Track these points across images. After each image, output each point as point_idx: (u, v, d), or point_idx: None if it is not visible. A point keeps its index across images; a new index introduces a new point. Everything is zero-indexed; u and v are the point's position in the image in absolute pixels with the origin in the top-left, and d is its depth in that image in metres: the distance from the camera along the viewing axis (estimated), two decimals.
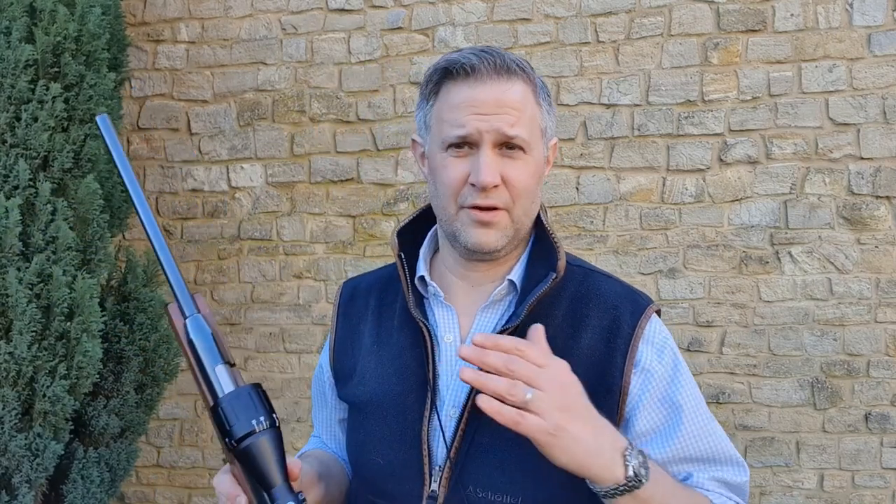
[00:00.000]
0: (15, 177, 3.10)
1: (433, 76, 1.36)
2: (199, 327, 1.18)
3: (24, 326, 3.01)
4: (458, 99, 1.32)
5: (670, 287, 3.84)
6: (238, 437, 1.06)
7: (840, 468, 3.74)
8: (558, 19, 3.94)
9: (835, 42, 3.71)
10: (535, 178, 1.35)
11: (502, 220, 1.32)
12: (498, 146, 1.31)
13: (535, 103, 1.35)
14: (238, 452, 1.07)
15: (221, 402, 1.09)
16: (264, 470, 1.07)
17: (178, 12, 4.31)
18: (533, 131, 1.34)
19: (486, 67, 1.30)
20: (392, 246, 1.43)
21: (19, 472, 3.10)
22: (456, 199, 1.33)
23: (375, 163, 4.10)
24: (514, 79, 1.32)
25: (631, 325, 1.36)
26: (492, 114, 1.29)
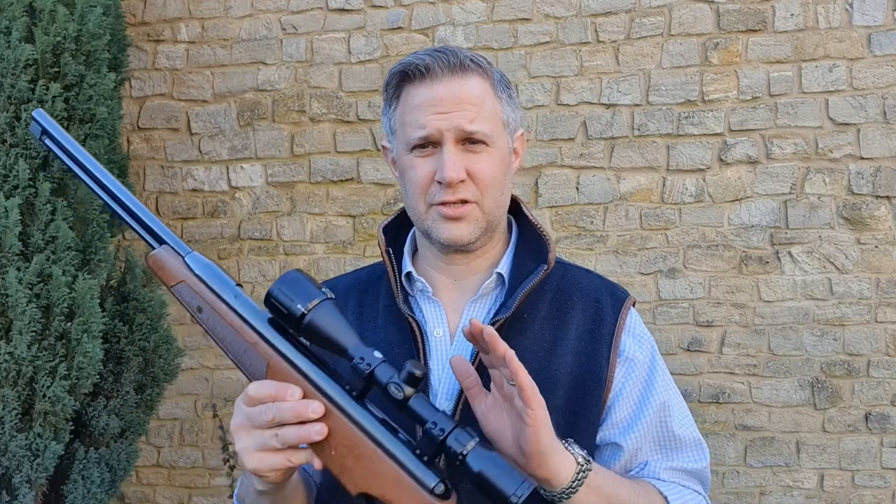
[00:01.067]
0: (15, 176, 3.09)
1: (392, 80, 1.39)
2: (201, 261, 1.20)
3: (24, 326, 3.01)
4: (417, 100, 1.34)
5: (670, 287, 3.84)
6: (299, 314, 1.09)
7: (840, 468, 3.74)
8: (558, 19, 3.94)
9: (835, 42, 3.71)
10: (502, 169, 1.37)
11: (472, 213, 1.35)
12: (460, 142, 1.33)
13: (495, 96, 1.37)
14: (304, 329, 1.10)
15: (272, 292, 1.11)
16: (335, 335, 1.10)
17: (178, 12, 4.31)
18: (494, 124, 1.36)
19: (441, 66, 1.33)
20: (379, 242, 1.45)
21: (20, 473, 3.10)
22: (425, 197, 1.36)
23: (375, 163, 4.10)
24: (469, 74, 1.34)
25: (613, 317, 1.41)
26: (450, 111, 1.32)
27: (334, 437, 1.08)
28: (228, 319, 1.16)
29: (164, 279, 1.21)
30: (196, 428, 4.32)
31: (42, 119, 1.28)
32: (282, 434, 1.06)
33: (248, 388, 1.10)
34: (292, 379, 1.11)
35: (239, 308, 1.16)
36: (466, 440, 1.06)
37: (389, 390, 1.07)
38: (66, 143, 1.27)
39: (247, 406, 1.10)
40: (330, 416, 1.09)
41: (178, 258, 1.20)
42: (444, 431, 1.07)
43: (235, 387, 4.24)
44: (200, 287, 1.18)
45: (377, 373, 1.08)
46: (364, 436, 1.09)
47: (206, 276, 1.19)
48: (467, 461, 1.06)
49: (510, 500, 1.04)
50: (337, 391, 1.10)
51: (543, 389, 1.29)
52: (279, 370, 1.12)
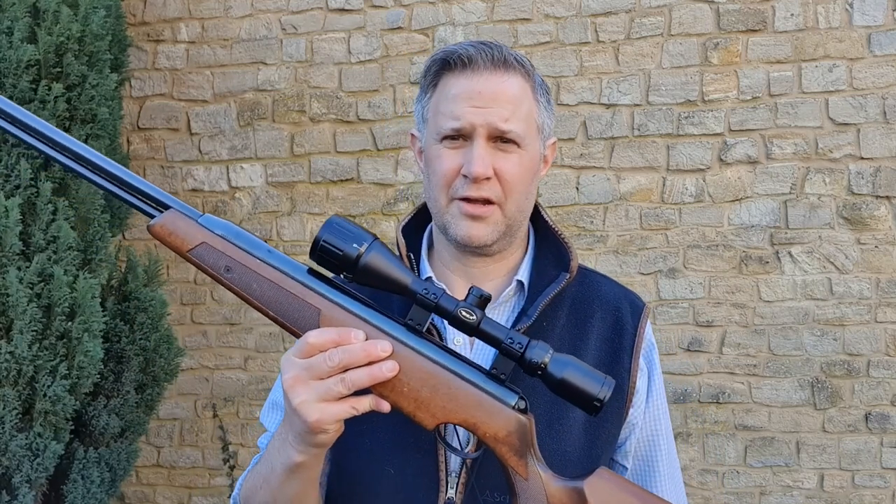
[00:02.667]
0: (16, 176, 3.10)
1: (431, 67, 1.36)
2: (217, 222, 1.14)
3: (24, 326, 3.01)
4: (454, 90, 1.31)
5: (670, 287, 3.84)
6: (355, 256, 1.08)
7: (840, 468, 3.74)
8: (558, 19, 3.94)
9: (835, 42, 3.71)
10: (530, 173, 1.34)
11: (494, 215, 1.32)
12: (492, 139, 1.30)
13: (533, 99, 1.35)
14: (361, 270, 1.08)
15: (322, 238, 1.08)
16: (393, 273, 1.10)
17: (178, 12, 4.31)
18: (529, 127, 1.33)
19: (484, 59, 1.30)
20: (399, 245, 1.41)
21: (20, 472, 3.09)
22: (448, 190, 1.32)
23: (375, 163, 4.10)
24: (511, 73, 1.32)
25: (633, 326, 1.39)
26: (487, 106, 1.29)
27: (405, 372, 1.07)
28: (267, 274, 1.11)
29: (178, 245, 1.13)
30: (196, 428, 4.32)
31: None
32: (349, 377, 1.03)
33: (308, 337, 1.05)
34: (351, 324, 1.09)
35: (276, 262, 1.12)
36: (545, 350, 1.09)
37: (460, 315, 1.08)
38: (8, 107, 1.14)
39: (303, 357, 1.05)
40: (398, 353, 1.07)
41: (190, 220, 1.13)
42: (523, 346, 1.09)
43: (235, 386, 4.24)
44: (226, 245, 1.12)
45: (443, 302, 1.09)
46: (436, 366, 1.09)
47: (229, 234, 1.13)
48: (549, 370, 1.09)
49: (597, 398, 1.08)
50: (398, 329, 1.10)
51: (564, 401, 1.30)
52: (334, 316, 1.09)
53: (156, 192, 1.14)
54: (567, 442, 1.30)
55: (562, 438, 1.29)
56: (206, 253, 1.12)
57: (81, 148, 1.13)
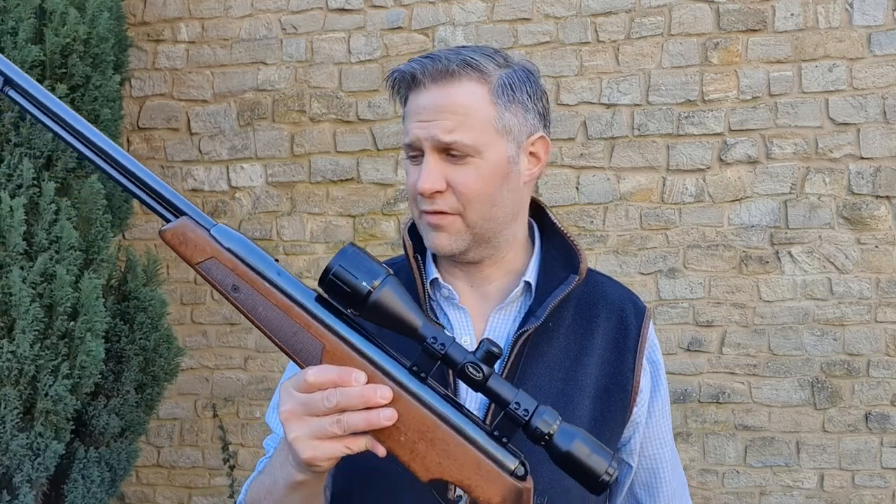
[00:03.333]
0: (19, 176, 3.10)
1: (393, 88, 1.36)
2: (230, 234, 1.09)
3: (26, 325, 3.01)
4: (409, 107, 1.32)
5: (670, 287, 3.85)
6: (365, 292, 1.03)
7: (840, 468, 3.74)
8: (558, 19, 3.94)
9: (835, 42, 3.72)
10: (493, 180, 1.30)
11: (454, 225, 1.30)
12: (440, 152, 1.28)
13: (490, 103, 1.29)
14: (370, 307, 1.04)
15: (334, 269, 1.04)
16: (403, 314, 1.05)
17: (178, 12, 4.31)
18: (484, 133, 1.28)
19: (426, 74, 1.28)
20: (405, 246, 1.40)
21: (20, 472, 3.09)
22: (416, 204, 1.33)
23: (375, 163, 4.10)
24: (456, 82, 1.28)
25: (637, 326, 1.39)
26: (430, 120, 1.27)
27: (404, 421, 1.03)
28: (273, 299, 1.07)
29: (188, 255, 1.09)
30: (196, 428, 4.32)
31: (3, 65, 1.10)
32: (345, 420, 1.00)
33: (307, 374, 1.02)
34: (354, 362, 1.04)
35: (285, 286, 1.08)
36: (553, 419, 1.03)
37: (467, 371, 1.03)
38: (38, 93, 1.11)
39: (302, 392, 1.03)
40: (399, 399, 1.03)
41: (203, 231, 1.08)
42: (529, 412, 1.03)
43: (235, 386, 4.24)
44: (235, 263, 1.08)
45: (451, 353, 1.04)
46: (437, 418, 1.04)
47: (241, 250, 1.08)
48: (554, 441, 1.03)
49: (601, 479, 1.03)
50: (403, 373, 1.05)
51: (570, 399, 1.31)
52: (338, 353, 1.05)
53: (172, 195, 1.10)
54: (576, 416, 1.31)
55: (571, 412, 1.30)
56: (215, 268, 1.08)
57: (104, 141, 1.11)
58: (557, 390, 1.32)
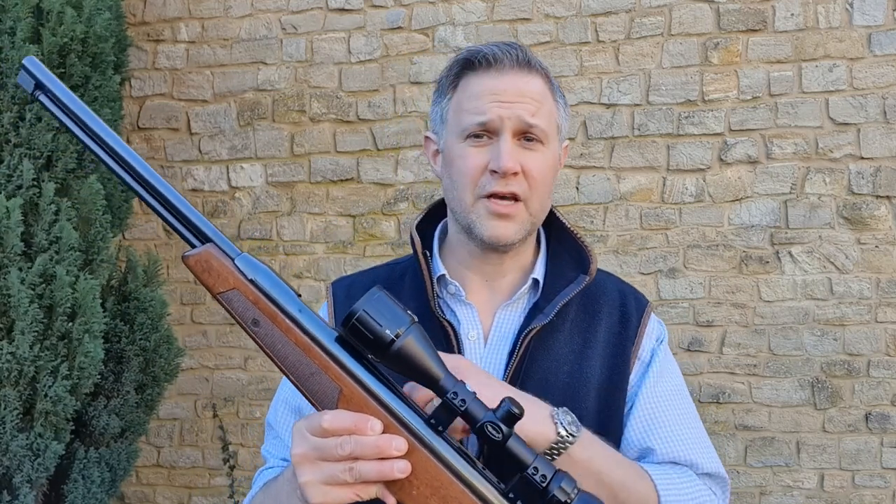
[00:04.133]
0: (19, 176, 3.10)
1: (453, 68, 1.38)
2: (255, 265, 1.07)
3: (26, 326, 3.01)
4: (479, 88, 1.33)
5: (670, 287, 3.85)
6: (388, 340, 1.00)
7: (840, 468, 3.74)
8: (558, 19, 3.94)
9: (835, 42, 3.71)
10: (552, 171, 1.37)
11: (520, 214, 1.33)
12: (517, 136, 1.32)
13: (553, 100, 1.38)
14: (392, 356, 1.01)
15: (358, 315, 1.00)
16: (426, 365, 1.01)
17: (178, 12, 4.31)
18: (550, 125, 1.36)
19: (509, 59, 1.33)
20: (414, 243, 1.41)
21: (20, 472, 3.10)
22: (474, 188, 1.33)
23: (375, 163, 4.10)
24: (533, 73, 1.35)
25: (637, 320, 1.42)
26: (514, 101, 1.31)
27: (417, 475, 1.00)
28: (293, 337, 1.05)
29: (210, 284, 1.07)
30: (196, 428, 4.32)
31: (35, 69, 1.08)
32: (357, 468, 0.99)
33: (323, 419, 1.01)
34: (370, 409, 1.02)
35: (307, 324, 1.05)
36: (571, 487, 1.00)
37: (486, 430, 1.00)
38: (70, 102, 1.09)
39: (316, 436, 1.01)
40: (413, 452, 1.01)
41: (228, 260, 1.07)
42: (547, 478, 1.00)
43: (235, 386, 4.24)
44: (257, 296, 1.05)
45: (471, 409, 1.01)
46: (452, 475, 1.02)
47: (265, 283, 1.06)
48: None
49: None
50: (420, 424, 1.03)
51: (576, 392, 1.33)
52: (355, 399, 1.02)
53: (200, 221, 1.09)
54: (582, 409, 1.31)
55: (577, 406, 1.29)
56: (237, 300, 1.06)
57: (137, 161, 1.09)
58: (564, 384, 1.34)
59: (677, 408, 1.40)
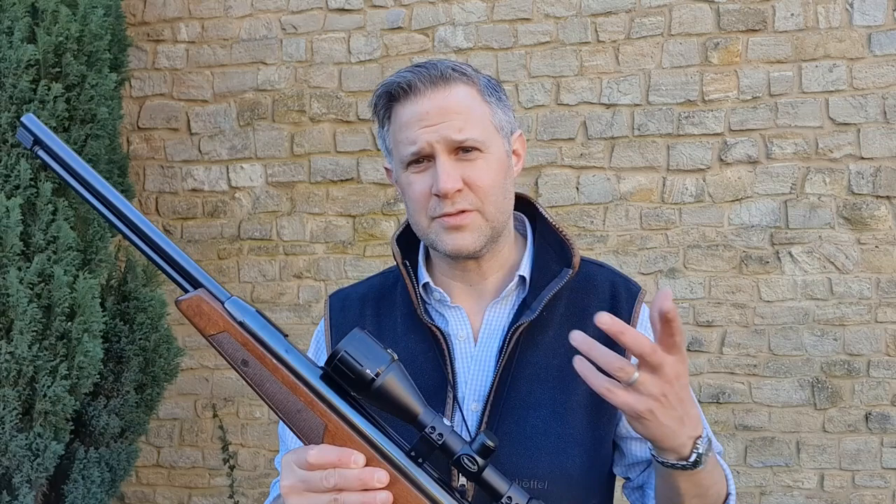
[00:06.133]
0: (16, 176, 3.09)
1: (379, 102, 1.38)
2: (243, 308, 1.13)
3: (24, 326, 3.01)
4: (404, 118, 1.33)
5: (670, 287, 3.84)
6: (369, 379, 1.06)
7: (840, 468, 3.74)
8: (558, 19, 3.94)
9: (835, 42, 3.71)
10: (500, 174, 1.36)
11: (475, 221, 1.34)
12: (453, 152, 1.32)
13: (482, 102, 1.36)
14: (373, 393, 1.07)
15: (341, 354, 1.07)
16: (405, 401, 1.08)
17: (178, 12, 4.31)
18: (485, 130, 1.34)
19: (422, 80, 1.32)
20: (394, 254, 1.44)
21: (20, 472, 3.10)
22: (426, 212, 1.35)
23: (375, 163, 4.10)
24: (452, 84, 1.33)
25: (628, 309, 1.41)
26: (438, 122, 1.31)
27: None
28: (280, 376, 1.11)
29: (202, 327, 1.13)
30: (196, 428, 4.32)
31: (33, 126, 1.19)
32: (342, 499, 1.04)
33: (308, 454, 1.06)
34: (354, 443, 1.08)
35: (293, 364, 1.11)
36: None
37: (462, 462, 1.07)
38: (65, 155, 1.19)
39: (302, 469, 1.07)
40: (395, 483, 1.07)
41: (218, 304, 1.13)
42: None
43: (235, 386, 4.24)
44: (246, 338, 1.12)
45: (448, 443, 1.08)
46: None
47: (253, 325, 1.12)
48: None
49: None
50: (401, 457, 1.09)
51: (566, 386, 1.34)
52: (339, 433, 1.09)
53: (191, 266, 1.16)
54: (571, 425, 1.33)
55: (567, 422, 1.33)
56: (227, 342, 1.12)
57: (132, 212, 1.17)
58: (554, 377, 1.35)
59: None
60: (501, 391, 1.33)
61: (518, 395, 1.33)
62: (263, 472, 4.23)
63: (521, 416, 1.31)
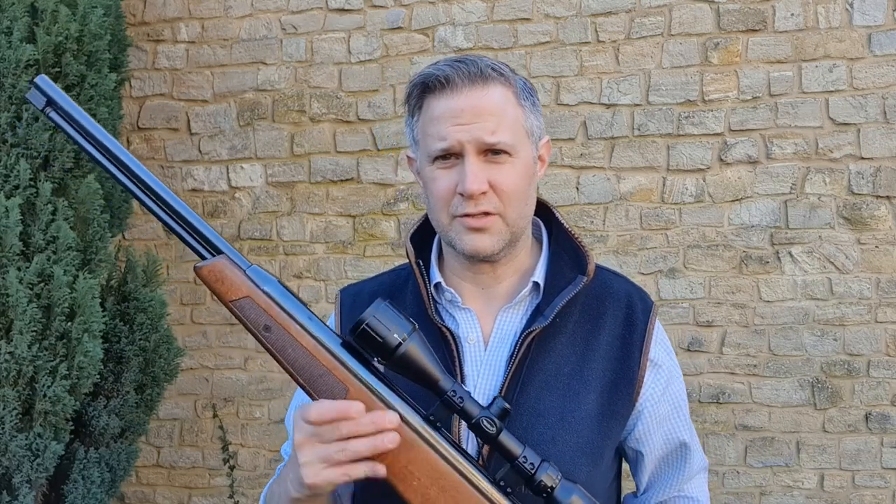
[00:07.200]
0: (16, 176, 3.09)
1: (413, 92, 1.37)
2: (265, 276, 1.16)
3: (24, 326, 3.01)
4: (437, 112, 1.32)
5: (670, 287, 3.84)
6: (395, 344, 1.11)
7: (840, 468, 3.74)
8: (558, 19, 3.94)
9: (835, 42, 3.71)
10: (526, 179, 1.36)
11: (496, 225, 1.33)
12: (482, 153, 1.31)
13: (517, 105, 1.35)
14: (397, 359, 1.11)
15: (367, 321, 1.10)
16: (427, 367, 1.12)
17: (178, 12, 4.31)
18: (517, 134, 1.34)
19: (461, 76, 1.31)
20: (408, 253, 1.44)
21: (20, 473, 3.09)
22: (448, 209, 1.34)
23: (375, 163, 4.10)
24: (490, 84, 1.32)
25: (644, 322, 1.42)
26: (471, 122, 1.30)
27: (418, 466, 1.11)
28: (303, 342, 1.14)
29: (223, 292, 1.15)
30: (196, 428, 4.32)
31: (47, 87, 1.18)
32: (351, 447, 1.08)
33: (309, 416, 1.10)
34: (374, 407, 1.11)
35: (315, 330, 1.15)
36: (556, 473, 1.14)
37: (482, 424, 1.12)
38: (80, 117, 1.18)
39: (313, 424, 1.10)
40: (414, 446, 1.11)
41: (240, 270, 1.16)
42: (535, 466, 1.13)
43: (235, 387, 4.24)
44: (269, 304, 1.14)
45: (468, 406, 1.13)
46: (449, 466, 1.12)
47: (275, 293, 1.15)
48: (555, 495, 1.13)
49: None
50: (419, 421, 1.13)
51: (576, 393, 1.35)
52: (360, 397, 1.12)
53: (211, 234, 1.18)
54: (579, 434, 1.33)
55: (575, 430, 1.33)
56: (249, 307, 1.14)
57: (147, 176, 1.18)
58: (564, 385, 1.35)
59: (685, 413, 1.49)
60: (510, 397, 1.32)
61: (527, 401, 1.33)
62: (263, 472, 4.23)
63: (530, 423, 1.31)
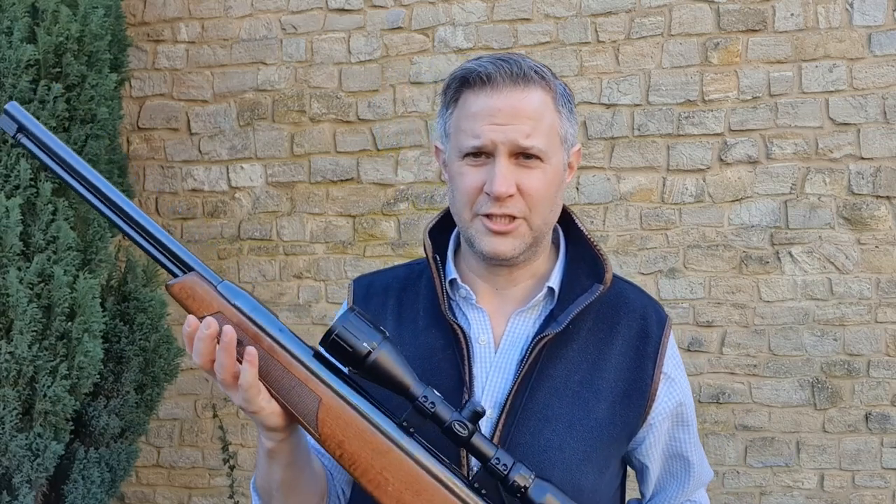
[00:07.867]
0: (16, 177, 3.09)
1: (451, 84, 1.35)
2: (235, 290, 1.17)
3: (24, 326, 3.01)
4: (474, 108, 1.30)
5: (670, 287, 3.84)
6: (365, 353, 1.13)
7: (840, 468, 3.74)
8: (558, 19, 3.94)
9: (835, 42, 3.71)
10: (554, 186, 1.34)
11: (519, 229, 1.32)
12: (514, 155, 1.29)
13: (555, 111, 1.33)
14: (368, 367, 1.13)
15: (337, 331, 1.12)
16: (397, 374, 1.14)
17: (178, 12, 4.31)
18: (551, 140, 1.32)
19: (503, 76, 1.29)
20: (426, 248, 1.42)
21: (20, 473, 3.09)
22: (471, 206, 1.33)
23: (375, 163, 4.10)
24: (531, 87, 1.31)
25: (658, 335, 1.41)
26: (507, 124, 1.28)
27: (392, 472, 1.13)
28: (276, 355, 1.15)
29: (194, 309, 1.16)
30: (196, 428, 4.32)
31: (17, 113, 1.19)
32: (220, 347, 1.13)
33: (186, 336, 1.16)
34: (347, 416, 1.14)
35: (287, 343, 1.15)
36: (529, 474, 1.15)
37: (454, 428, 1.14)
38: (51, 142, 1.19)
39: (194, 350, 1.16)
40: (388, 452, 1.13)
41: (210, 286, 1.16)
42: (508, 467, 1.14)
43: None
44: (240, 318, 1.15)
45: (439, 411, 1.14)
46: (422, 470, 1.14)
47: (246, 307, 1.16)
48: (529, 494, 1.14)
49: None
50: (392, 427, 1.15)
51: (586, 401, 1.34)
52: (333, 408, 1.14)
53: (181, 251, 1.17)
54: (586, 442, 1.33)
55: (582, 438, 1.33)
56: (220, 323, 1.14)
57: (117, 196, 1.17)
58: (573, 392, 1.34)
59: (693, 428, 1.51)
60: (518, 401, 1.32)
61: (535, 406, 1.32)
62: None
63: (537, 428, 1.30)
